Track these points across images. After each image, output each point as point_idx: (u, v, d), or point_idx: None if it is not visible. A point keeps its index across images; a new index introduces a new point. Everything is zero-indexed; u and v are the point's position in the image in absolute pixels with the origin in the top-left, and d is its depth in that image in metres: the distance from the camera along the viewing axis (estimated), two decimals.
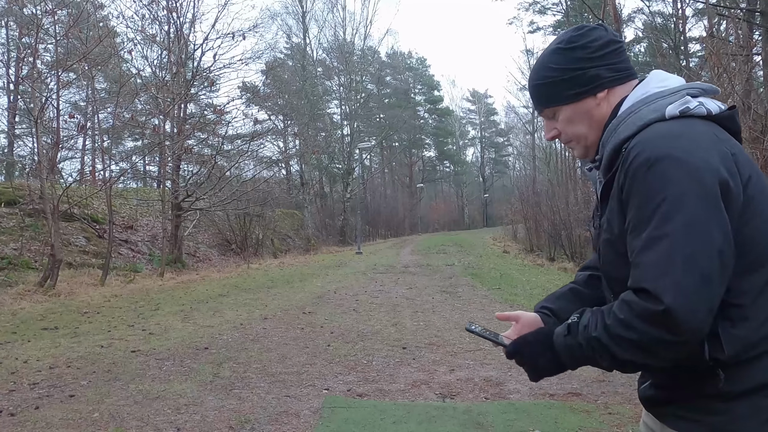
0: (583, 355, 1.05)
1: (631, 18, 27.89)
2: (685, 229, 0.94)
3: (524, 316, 1.30)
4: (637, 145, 1.02)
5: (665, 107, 1.06)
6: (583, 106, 1.16)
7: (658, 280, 0.93)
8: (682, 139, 1.00)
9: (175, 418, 3.45)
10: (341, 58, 34.76)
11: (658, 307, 0.92)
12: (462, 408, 3.67)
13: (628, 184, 1.01)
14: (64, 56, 11.17)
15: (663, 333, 0.94)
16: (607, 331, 1.00)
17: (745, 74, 8.40)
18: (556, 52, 1.17)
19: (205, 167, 15.82)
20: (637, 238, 0.99)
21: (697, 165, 0.96)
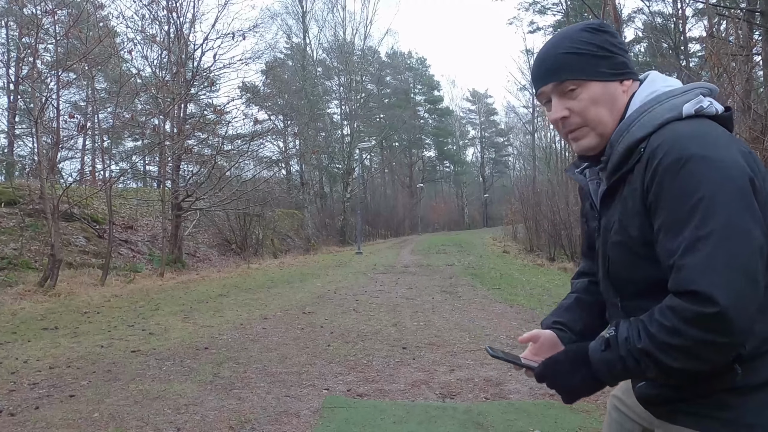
0: (626, 367, 1.00)
1: (631, 18, 27.93)
2: (727, 229, 0.91)
3: (542, 335, 1.25)
4: (663, 144, 0.99)
5: (681, 106, 1.04)
6: (612, 88, 1.09)
7: (710, 281, 0.90)
8: (709, 138, 0.98)
9: (175, 418, 3.45)
10: (341, 58, 34.78)
11: (712, 309, 0.89)
12: (462, 408, 3.67)
13: (657, 185, 0.98)
14: (64, 56, 11.17)
15: (715, 336, 0.91)
16: (653, 341, 0.96)
17: (745, 74, 8.40)
18: (587, 30, 1.10)
19: (205, 167, 15.83)
20: (674, 240, 0.95)
21: (728, 164, 0.95)
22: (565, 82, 1.09)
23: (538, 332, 1.26)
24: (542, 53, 1.14)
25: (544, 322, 1.32)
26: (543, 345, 1.24)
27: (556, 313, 1.32)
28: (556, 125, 1.13)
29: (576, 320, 1.29)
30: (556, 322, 1.29)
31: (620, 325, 1.02)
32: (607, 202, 1.13)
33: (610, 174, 1.10)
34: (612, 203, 1.11)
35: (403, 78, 54.77)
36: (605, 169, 1.11)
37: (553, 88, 1.11)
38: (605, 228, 1.13)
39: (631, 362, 0.99)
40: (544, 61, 1.12)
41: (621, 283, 1.11)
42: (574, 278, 1.42)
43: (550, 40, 1.15)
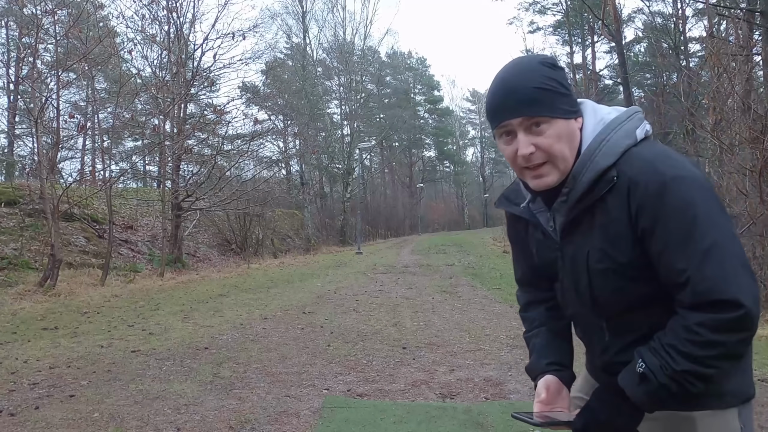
0: (670, 392, 1.04)
1: (631, 18, 27.94)
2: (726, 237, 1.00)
3: (548, 383, 1.25)
4: (639, 172, 1.04)
5: (634, 132, 1.10)
6: (572, 125, 1.11)
7: (733, 287, 0.97)
8: (673, 159, 1.05)
9: (175, 418, 3.45)
10: (341, 58, 34.76)
11: (739, 312, 0.97)
12: (462, 408, 3.67)
13: (649, 211, 1.03)
14: (64, 56, 11.16)
15: (746, 333, 1.00)
16: (692, 359, 1.00)
17: (745, 74, 8.41)
18: (546, 65, 1.11)
19: (205, 167, 15.82)
20: (681, 258, 1.00)
21: (700, 178, 1.04)
22: (535, 117, 1.08)
23: (545, 384, 1.25)
24: (508, 85, 1.10)
25: (536, 366, 1.30)
26: (552, 394, 1.23)
27: (542, 354, 1.30)
28: (514, 160, 1.11)
29: (564, 354, 1.31)
30: (551, 363, 1.28)
31: (645, 356, 1.06)
32: (570, 232, 1.15)
33: (573, 205, 1.11)
34: (576, 232, 1.14)
35: (403, 78, 54.78)
36: (566, 201, 1.12)
37: (521, 122, 1.09)
38: (575, 257, 1.15)
39: (674, 386, 1.03)
40: (516, 93, 1.09)
41: (609, 306, 1.14)
42: (525, 311, 1.42)
43: (512, 72, 1.12)
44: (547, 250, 1.23)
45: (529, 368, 1.33)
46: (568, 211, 1.13)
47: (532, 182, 1.13)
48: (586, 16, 27.67)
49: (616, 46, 19.29)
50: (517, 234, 1.33)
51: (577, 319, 1.27)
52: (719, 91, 8.34)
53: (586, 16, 27.67)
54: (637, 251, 1.06)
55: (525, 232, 1.30)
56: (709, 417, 1.10)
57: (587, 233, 1.11)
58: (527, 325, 1.40)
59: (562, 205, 1.14)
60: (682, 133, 12.83)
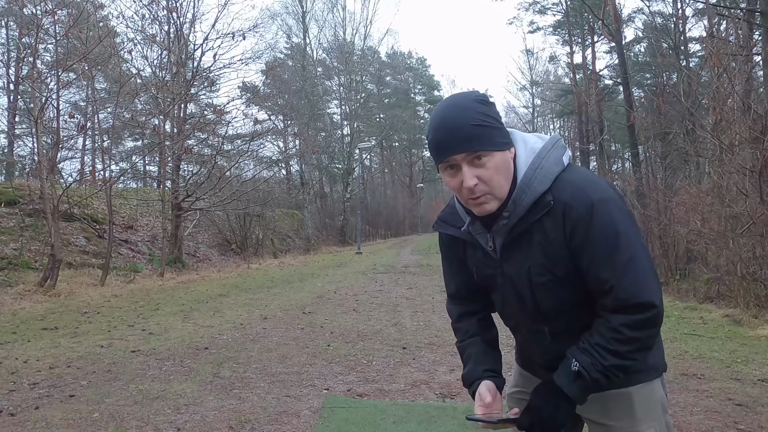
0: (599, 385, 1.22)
1: (631, 18, 27.88)
2: (640, 249, 1.18)
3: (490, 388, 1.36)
4: (571, 198, 1.18)
5: (561, 159, 1.25)
6: (507, 156, 1.23)
7: (646, 291, 1.17)
8: (596, 183, 1.21)
9: (175, 418, 3.45)
10: (341, 58, 34.75)
11: (653, 311, 1.17)
12: (462, 408, 3.67)
13: (580, 231, 1.18)
14: (64, 56, 11.16)
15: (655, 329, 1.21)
16: (618, 355, 1.19)
17: (745, 74, 8.41)
18: (480, 103, 1.21)
19: (205, 167, 15.82)
20: (606, 269, 1.17)
21: (618, 199, 1.20)
22: (479, 152, 1.18)
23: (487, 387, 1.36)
24: (449, 123, 1.19)
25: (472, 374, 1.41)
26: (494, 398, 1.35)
27: (479, 362, 1.42)
28: (460, 191, 1.23)
29: (497, 362, 1.45)
30: (487, 370, 1.41)
31: (577, 356, 1.22)
32: (509, 251, 1.29)
33: (513, 227, 1.25)
34: (515, 251, 1.27)
35: (403, 78, 54.71)
36: (507, 224, 1.25)
37: (464, 157, 1.19)
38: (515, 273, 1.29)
39: (602, 379, 1.21)
40: (458, 131, 1.18)
41: (551, 314, 1.29)
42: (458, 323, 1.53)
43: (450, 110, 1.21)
44: (486, 267, 1.36)
45: (465, 375, 1.43)
46: (507, 232, 1.26)
47: (476, 209, 1.25)
48: (586, 16, 27.65)
49: (616, 46, 19.28)
50: (453, 253, 1.46)
51: (519, 327, 1.41)
52: (719, 91, 8.33)
53: (586, 16, 27.65)
54: (571, 266, 1.21)
55: (462, 252, 1.42)
56: (641, 389, 1.30)
57: (526, 251, 1.25)
58: (460, 335, 1.51)
59: (502, 227, 1.26)
60: (682, 133, 12.83)
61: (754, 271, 7.36)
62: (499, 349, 1.49)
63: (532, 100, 42.60)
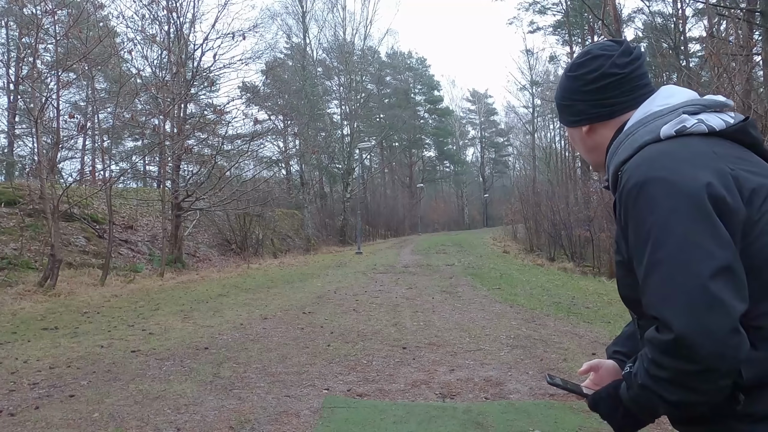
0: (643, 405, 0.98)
1: (631, 18, 27.90)
2: (680, 251, 0.90)
3: (603, 365, 1.25)
4: (627, 169, 1.02)
5: (660, 128, 1.04)
6: (576, 132, 1.24)
7: (665, 306, 0.90)
8: (667, 159, 0.98)
9: (175, 418, 3.45)
10: (341, 58, 34.74)
11: (668, 335, 0.88)
12: (462, 408, 3.67)
13: (624, 210, 1.01)
14: (64, 56, 11.16)
15: (684, 363, 0.88)
16: (648, 375, 0.94)
17: (745, 74, 8.41)
18: (565, 78, 1.23)
19: (205, 167, 15.82)
20: (639, 265, 0.96)
21: (682, 183, 0.94)
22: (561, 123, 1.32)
23: (599, 362, 1.26)
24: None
25: (607, 350, 1.32)
26: (603, 375, 1.24)
27: (617, 342, 1.31)
28: None
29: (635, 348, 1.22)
30: (617, 351, 1.28)
31: (637, 361, 1.01)
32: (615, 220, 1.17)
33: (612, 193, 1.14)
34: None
35: (403, 78, 54.70)
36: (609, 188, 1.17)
37: None
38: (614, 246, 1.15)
39: (643, 399, 0.97)
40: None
41: (628, 302, 1.11)
42: None
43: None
44: None
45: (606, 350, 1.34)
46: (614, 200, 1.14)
47: None
48: (586, 16, 27.66)
49: None
50: None
51: None
52: (719, 91, 8.33)
53: (586, 16, 27.66)
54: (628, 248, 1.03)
55: None
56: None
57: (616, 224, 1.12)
58: None
59: None
60: None
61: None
62: None
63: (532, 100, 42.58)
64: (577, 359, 4.56)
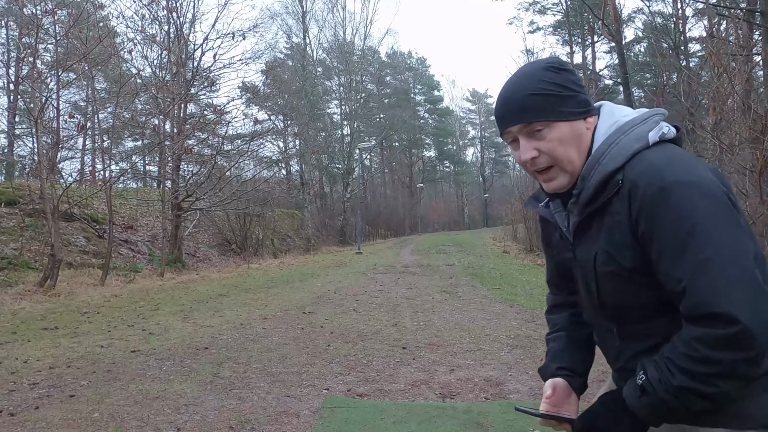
0: (670, 407, 1.00)
1: (631, 18, 27.95)
2: (726, 247, 0.95)
3: (557, 385, 1.26)
4: (641, 176, 1.02)
5: (647, 134, 1.07)
6: (578, 126, 1.11)
7: (727, 300, 0.92)
8: (682, 163, 1.01)
9: (175, 418, 3.45)
10: (341, 58, 34.77)
11: (734, 328, 0.91)
12: (462, 408, 3.67)
13: (647, 217, 1.00)
14: (64, 56, 11.16)
15: (744, 352, 0.93)
16: (688, 375, 0.96)
17: (745, 74, 8.40)
18: (548, 70, 1.11)
19: (205, 167, 15.83)
20: (677, 267, 0.97)
21: (708, 185, 0.98)
22: (532, 123, 1.09)
23: (552, 383, 1.26)
24: (507, 93, 1.12)
25: (546, 370, 1.31)
26: (559, 395, 1.24)
27: (556, 359, 1.31)
28: (524, 165, 1.13)
29: (577, 361, 1.29)
30: (561, 368, 1.28)
31: (647, 368, 1.03)
32: (581, 234, 1.15)
33: (583, 207, 1.11)
34: (588, 234, 1.13)
35: (403, 78, 54.72)
36: (576, 203, 1.12)
37: (520, 129, 1.11)
38: (585, 259, 1.14)
39: (673, 401, 0.99)
40: (510, 102, 1.11)
41: (616, 311, 1.12)
42: (550, 314, 1.41)
43: (512, 79, 1.14)
44: (563, 250, 1.23)
45: (541, 370, 1.33)
46: (579, 212, 1.13)
47: (544, 185, 1.15)
48: (586, 16, 27.67)
49: (616, 46, 19.31)
50: (547, 234, 1.32)
51: (593, 323, 1.25)
52: (719, 91, 8.33)
53: (586, 16, 27.67)
54: (639, 257, 1.03)
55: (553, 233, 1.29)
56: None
57: (596, 235, 1.11)
58: (550, 327, 1.40)
59: (573, 206, 1.14)
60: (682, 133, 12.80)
61: None
62: (588, 349, 1.32)
63: None
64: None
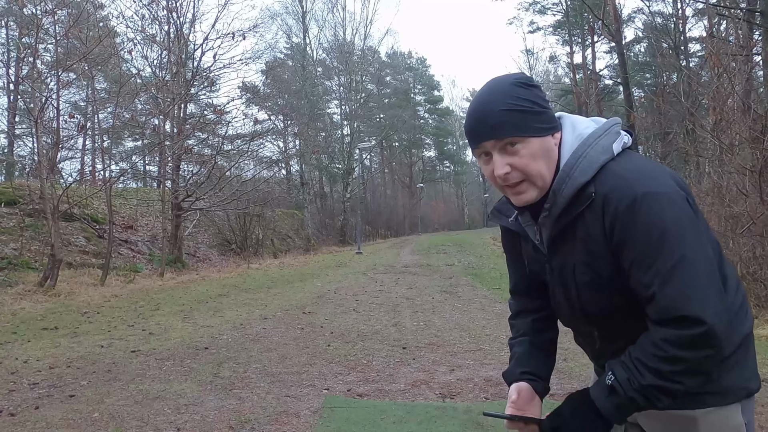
0: (637, 405, 1.07)
1: (631, 18, 27.91)
2: (692, 254, 1.01)
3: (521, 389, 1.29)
4: (613, 189, 1.06)
5: (611, 146, 1.12)
6: (548, 142, 1.13)
7: (693, 304, 0.99)
8: (649, 175, 1.07)
9: (175, 418, 3.45)
10: (341, 58, 34.77)
11: (701, 329, 0.99)
12: (462, 408, 3.67)
13: (620, 228, 1.05)
14: (64, 56, 11.16)
15: (709, 350, 1.00)
16: (657, 374, 1.03)
17: (745, 74, 8.40)
18: (518, 86, 1.12)
19: (205, 167, 15.82)
20: (648, 273, 1.03)
21: (672, 194, 1.04)
22: (505, 138, 1.10)
23: (517, 387, 1.29)
24: (479, 109, 1.13)
25: (510, 375, 1.33)
26: (523, 398, 1.27)
27: (520, 363, 1.33)
28: (494, 180, 1.14)
29: (540, 366, 1.33)
30: (525, 372, 1.31)
31: (615, 369, 1.09)
32: (555, 246, 1.19)
33: (556, 219, 1.14)
34: (562, 246, 1.17)
35: (403, 78, 54.71)
36: (549, 216, 1.15)
37: (494, 145, 1.11)
38: (561, 269, 1.19)
39: (641, 399, 1.05)
40: (485, 117, 1.12)
41: (596, 317, 1.18)
42: (514, 319, 1.44)
43: (482, 94, 1.15)
44: (536, 262, 1.27)
45: (505, 374, 1.36)
46: (552, 225, 1.16)
47: (513, 199, 1.17)
48: (586, 16, 27.65)
49: (616, 46, 19.31)
50: (512, 245, 1.36)
51: (572, 327, 1.30)
52: (719, 91, 8.33)
53: (586, 16, 27.65)
54: (613, 266, 1.09)
55: (519, 244, 1.33)
56: (711, 414, 1.12)
57: (571, 247, 1.14)
58: (513, 332, 1.43)
59: (545, 219, 1.17)
60: (682, 133, 12.82)
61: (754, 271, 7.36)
62: (551, 352, 1.38)
63: None
64: (576, 359, 4.56)
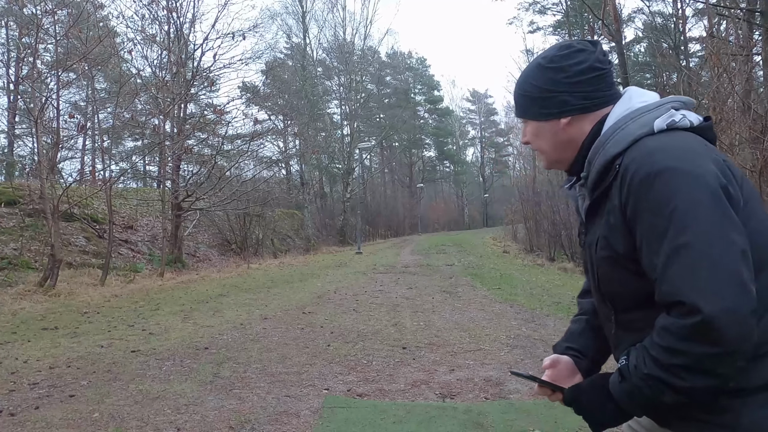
0: (645, 397, 0.99)
1: (631, 18, 27.91)
2: (704, 236, 0.92)
3: (561, 361, 1.28)
4: (634, 161, 1.02)
5: (653, 121, 1.07)
6: (548, 126, 1.19)
7: (693, 290, 0.90)
8: (677, 151, 1.00)
9: (175, 418, 3.45)
10: (341, 58, 34.74)
11: (696, 317, 0.89)
12: (462, 408, 3.67)
13: (633, 201, 1.00)
14: (64, 56, 11.16)
15: (709, 347, 0.90)
16: (657, 364, 0.95)
17: (745, 74, 8.40)
18: (538, 69, 1.19)
19: (205, 167, 15.83)
20: (655, 253, 0.96)
21: (698, 172, 0.96)
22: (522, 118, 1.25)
23: (557, 358, 1.29)
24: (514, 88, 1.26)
25: (557, 347, 1.33)
26: (561, 371, 1.27)
27: (570, 339, 1.33)
28: None
29: (588, 346, 1.30)
30: (570, 347, 1.30)
31: (631, 353, 1.02)
32: (591, 218, 1.17)
33: (590, 190, 1.15)
34: (595, 219, 1.15)
35: (403, 78, 54.70)
36: (585, 186, 1.16)
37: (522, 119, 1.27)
38: (590, 243, 1.16)
39: (646, 390, 0.98)
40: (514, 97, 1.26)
41: (612, 297, 1.12)
42: (580, 297, 1.43)
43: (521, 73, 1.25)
44: (581, 233, 1.25)
45: (554, 346, 1.35)
46: (588, 196, 1.16)
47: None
48: (586, 16, 27.65)
49: (616, 46, 19.29)
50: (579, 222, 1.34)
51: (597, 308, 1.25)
52: (719, 91, 8.33)
53: (586, 16, 27.65)
54: (629, 241, 1.03)
55: None
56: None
57: (599, 220, 1.12)
58: (577, 310, 1.41)
59: (583, 189, 1.19)
60: None
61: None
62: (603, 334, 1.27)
63: None
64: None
